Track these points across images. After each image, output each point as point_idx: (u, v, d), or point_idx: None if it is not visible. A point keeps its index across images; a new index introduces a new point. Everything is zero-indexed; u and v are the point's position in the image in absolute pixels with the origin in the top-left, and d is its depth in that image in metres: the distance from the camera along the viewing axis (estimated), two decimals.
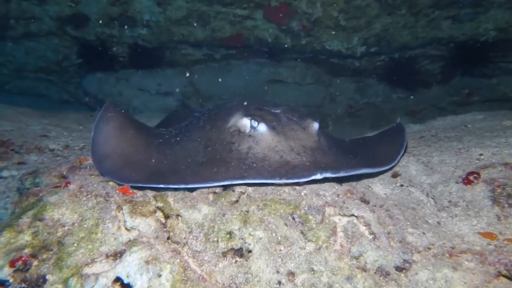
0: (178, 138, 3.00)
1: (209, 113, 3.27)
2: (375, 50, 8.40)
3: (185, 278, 1.99)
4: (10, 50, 9.15)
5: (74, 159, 3.03)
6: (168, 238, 2.31)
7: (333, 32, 8.04)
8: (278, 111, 2.90)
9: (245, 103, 3.10)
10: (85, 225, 2.25)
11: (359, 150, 3.17)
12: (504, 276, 1.90)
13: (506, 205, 2.40)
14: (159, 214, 2.45)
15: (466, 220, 2.47)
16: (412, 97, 9.00)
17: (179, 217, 2.39)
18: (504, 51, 7.62)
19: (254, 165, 2.43)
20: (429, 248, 2.21)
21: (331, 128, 8.99)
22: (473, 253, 2.07)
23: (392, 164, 3.00)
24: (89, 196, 2.46)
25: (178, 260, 2.10)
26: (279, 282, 2.07)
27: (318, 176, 2.31)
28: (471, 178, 2.71)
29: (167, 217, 2.42)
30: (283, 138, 2.60)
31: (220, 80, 9.13)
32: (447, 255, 2.10)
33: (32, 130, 4.39)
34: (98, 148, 2.83)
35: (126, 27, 8.51)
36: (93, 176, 2.78)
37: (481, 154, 3.03)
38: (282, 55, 8.95)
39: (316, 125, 2.76)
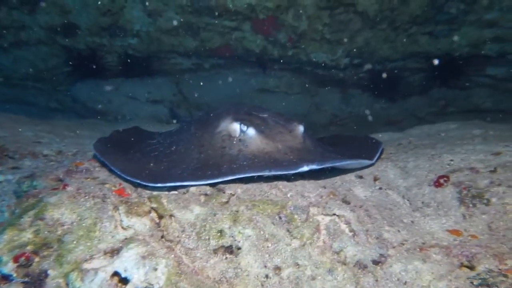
0: (173, 148, 3.13)
1: (199, 119, 3.43)
2: (358, 62, 8.77)
3: (180, 272, 2.13)
4: None
5: (70, 163, 3.15)
6: (162, 236, 2.45)
7: (318, 44, 8.37)
8: (265, 115, 3.08)
9: (234, 108, 3.28)
10: (83, 224, 2.38)
11: (342, 149, 3.40)
12: (465, 266, 2.12)
13: (471, 205, 2.65)
14: (153, 214, 2.58)
15: (436, 219, 2.70)
16: (392, 107, 9.40)
17: (172, 217, 2.53)
18: (476, 66, 8.12)
19: (244, 163, 2.61)
20: (403, 244, 2.41)
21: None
22: (440, 247, 2.30)
23: (373, 161, 3.23)
24: (87, 197, 2.58)
25: (172, 255, 2.24)
26: (267, 276, 2.22)
27: (305, 168, 2.49)
28: (441, 181, 2.96)
29: (161, 217, 2.55)
30: (271, 141, 2.78)
31: (209, 89, 9.32)
32: (418, 249, 2.32)
33: (25, 136, 4.45)
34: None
35: (116, 36, 8.63)
36: (89, 179, 2.91)
37: (451, 160, 3.30)
38: (270, 66, 9.22)
39: (301, 128, 2.95)
